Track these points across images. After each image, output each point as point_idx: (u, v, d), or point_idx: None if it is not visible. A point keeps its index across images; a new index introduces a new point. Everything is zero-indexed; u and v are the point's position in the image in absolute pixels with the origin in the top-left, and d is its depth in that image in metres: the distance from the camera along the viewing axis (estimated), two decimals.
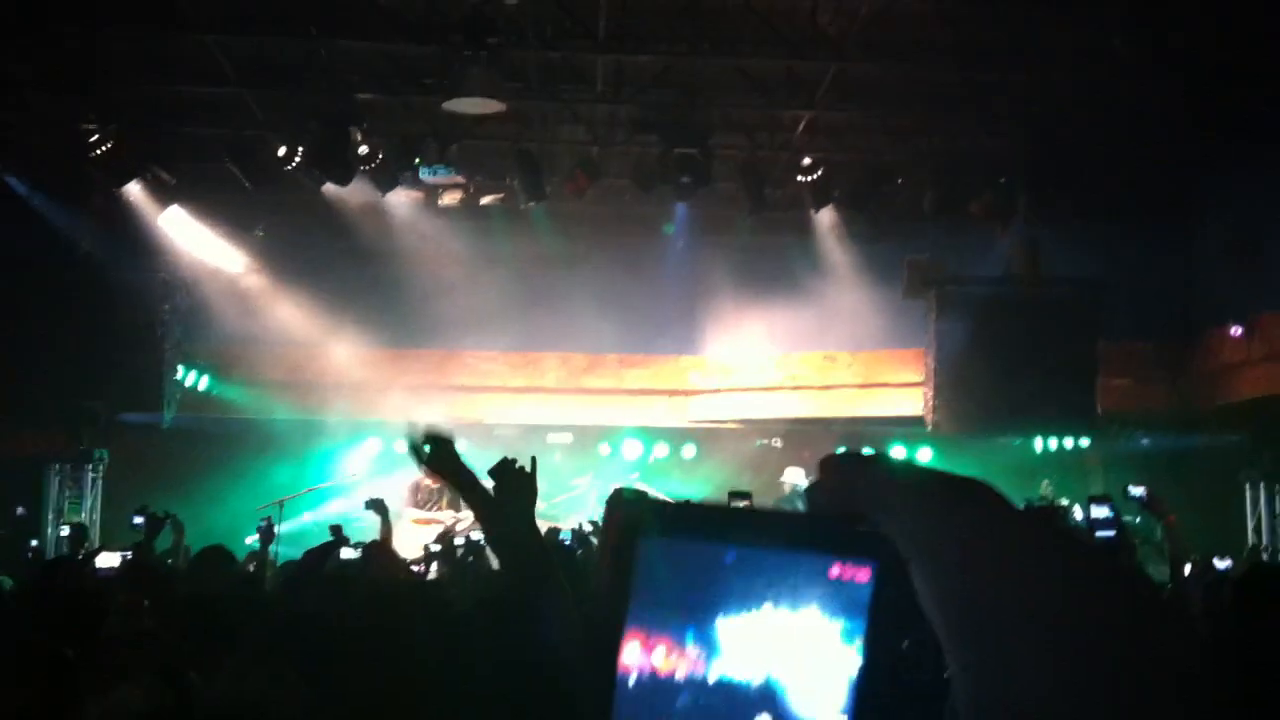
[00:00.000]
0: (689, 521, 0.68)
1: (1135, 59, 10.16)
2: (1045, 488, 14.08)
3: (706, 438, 16.27)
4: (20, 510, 12.40)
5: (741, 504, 5.77)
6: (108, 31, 10.74)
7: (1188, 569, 6.79)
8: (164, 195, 13.55)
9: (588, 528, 9.20)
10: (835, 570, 0.63)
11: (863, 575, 0.62)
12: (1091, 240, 13.47)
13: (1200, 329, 13.72)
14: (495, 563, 7.64)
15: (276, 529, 8.68)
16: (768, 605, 0.63)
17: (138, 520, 7.55)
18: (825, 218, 13.91)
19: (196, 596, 5.51)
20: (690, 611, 0.63)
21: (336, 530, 8.17)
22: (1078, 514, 12.72)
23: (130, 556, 5.09)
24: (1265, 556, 12.75)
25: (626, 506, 0.68)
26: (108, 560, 5.02)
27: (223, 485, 13.94)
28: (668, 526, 0.67)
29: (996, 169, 12.65)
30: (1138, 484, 6.69)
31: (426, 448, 3.57)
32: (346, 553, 6.39)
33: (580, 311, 15.27)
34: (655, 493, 14.99)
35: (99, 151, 12.25)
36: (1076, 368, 13.42)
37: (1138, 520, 7.00)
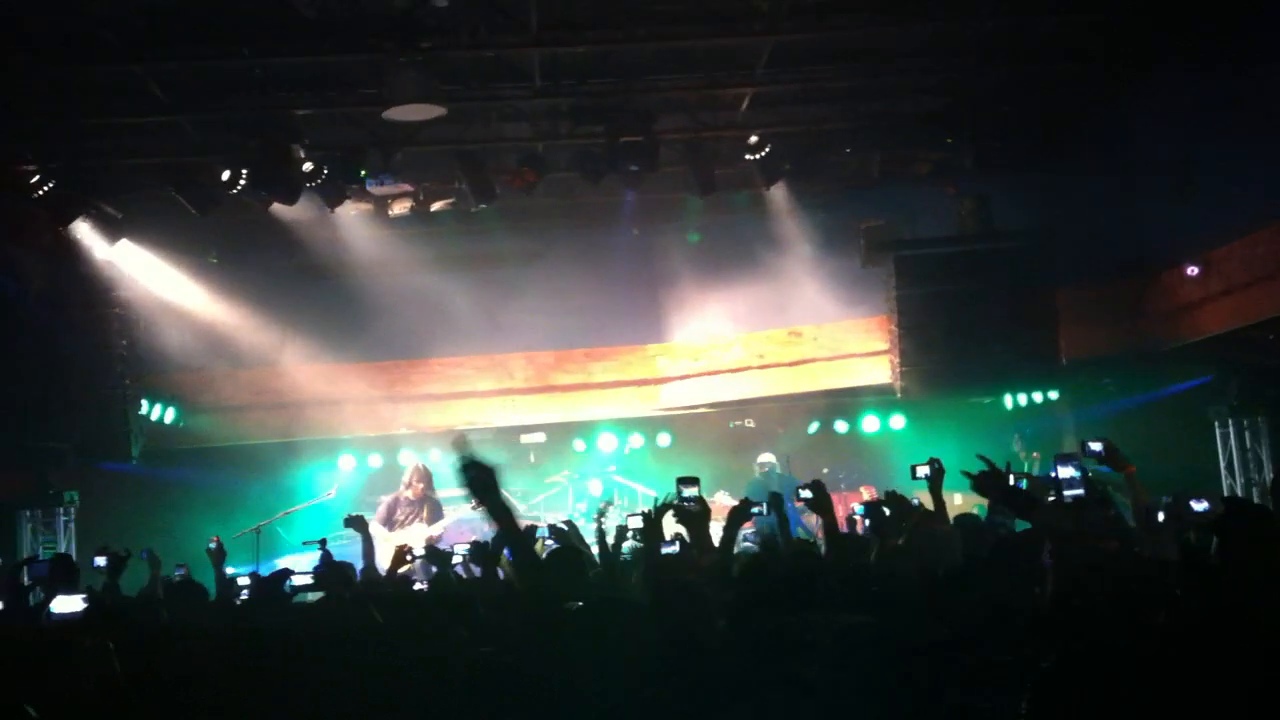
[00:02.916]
0: None
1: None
2: (1017, 443, 14.12)
3: (681, 424, 16.24)
4: None
5: (690, 489, 5.75)
6: (33, 67, 10.56)
7: (1161, 515, 6.80)
8: (112, 229, 13.38)
9: (563, 526, 9.12)
10: None
11: None
12: (1040, 189, 13.50)
13: (1155, 267, 13.75)
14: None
15: (227, 549, 8.72)
16: None
17: (100, 561, 7.43)
18: (778, 192, 13.86)
19: (170, 632, 5.43)
20: None
21: (322, 542, 8.29)
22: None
23: (88, 598, 4.95)
24: (1239, 491, 12.82)
25: None
26: (66, 604, 4.85)
27: (199, 515, 13.81)
28: None
29: (939, 127, 12.62)
30: (1096, 438, 6.68)
31: (468, 471, 3.94)
32: (301, 580, 6.27)
33: (543, 308, 15.22)
34: (633, 484, 15.02)
35: (41, 192, 12.09)
36: (1036, 318, 13.48)
37: (1106, 470, 6.99)
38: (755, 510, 7.13)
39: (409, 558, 8.11)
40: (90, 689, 4.42)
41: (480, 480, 4.18)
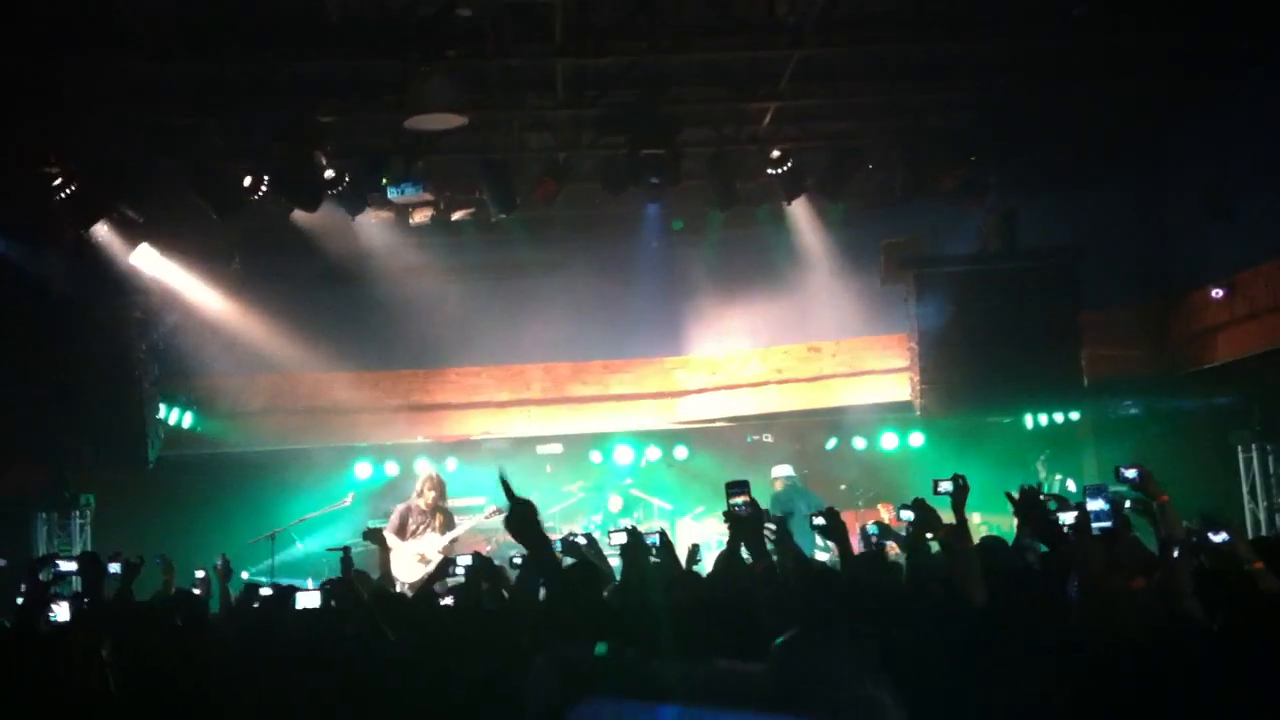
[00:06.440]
0: (626, 682, 0.59)
1: (1094, 21, 10.15)
2: (1040, 466, 14.00)
3: (697, 437, 16.18)
4: (2, 562, 12.15)
5: (739, 495, 5.71)
6: (58, 66, 10.56)
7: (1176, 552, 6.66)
8: (133, 233, 13.39)
9: (581, 539, 9.03)
10: None
11: None
12: (1067, 208, 13.40)
13: (1180, 289, 13.62)
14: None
15: (232, 566, 8.79)
16: None
17: (113, 567, 7.38)
18: (800, 207, 13.80)
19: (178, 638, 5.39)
20: None
21: (345, 550, 8.29)
22: (1071, 487, 12.65)
23: (83, 604, 4.87)
24: (1261, 516, 12.68)
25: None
26: (67, 610, 4.78)
27: (215, 521, 13.80)
28: (604, 688, 0.58)
29: (965, 144, 12.55)
30: (1130, 465, 6.54)
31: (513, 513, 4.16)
32: (304, 599, 6.20)
33: (562, 319, 15.18)
34: (650, 498, 14.93)
35: (64, 194, 12.10)
36: (1059, 339, 13.34)
37: (1135, 494, 6.86)
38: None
39: (452, 570, 8.00)
40: (80, 692, 4.37)
41: (519, 516, 4.22)
